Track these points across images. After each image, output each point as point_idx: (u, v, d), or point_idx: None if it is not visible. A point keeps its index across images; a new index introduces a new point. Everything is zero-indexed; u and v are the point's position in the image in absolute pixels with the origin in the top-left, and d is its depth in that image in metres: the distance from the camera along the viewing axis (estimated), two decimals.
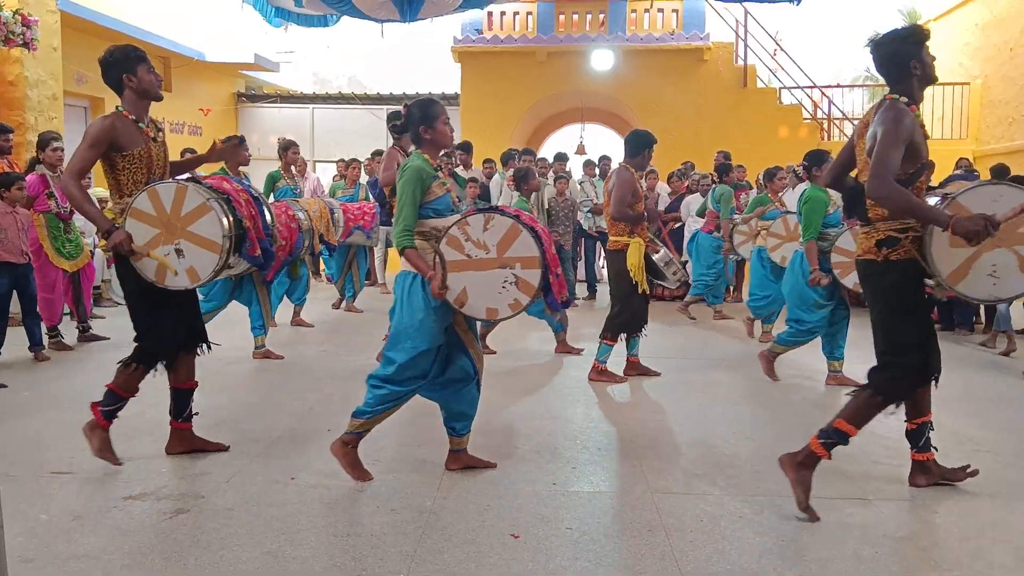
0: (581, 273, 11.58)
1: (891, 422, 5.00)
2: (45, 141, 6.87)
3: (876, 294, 3.52)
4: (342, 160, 12.70)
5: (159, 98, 3.95)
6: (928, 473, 3.77)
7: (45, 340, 6.60)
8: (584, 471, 4.01)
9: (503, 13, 14.29)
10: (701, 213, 9.43)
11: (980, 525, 3.39)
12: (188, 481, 3.73)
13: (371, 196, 9.47)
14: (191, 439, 4.14)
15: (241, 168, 7.06)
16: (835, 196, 5.91)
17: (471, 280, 3.60)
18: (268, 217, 4.22)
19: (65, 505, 3.43)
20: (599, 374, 5.95)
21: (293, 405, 5.13)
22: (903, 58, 3.43)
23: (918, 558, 3.05)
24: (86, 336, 7.16)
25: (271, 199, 7.65)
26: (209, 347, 4.22)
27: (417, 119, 3.72)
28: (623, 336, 6.02)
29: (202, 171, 5.51)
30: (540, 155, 12.61)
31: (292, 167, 8.08)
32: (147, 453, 4.07)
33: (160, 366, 3.99)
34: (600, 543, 3.14)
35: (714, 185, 9.41)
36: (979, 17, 13.69)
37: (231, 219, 3.83)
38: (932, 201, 3.54)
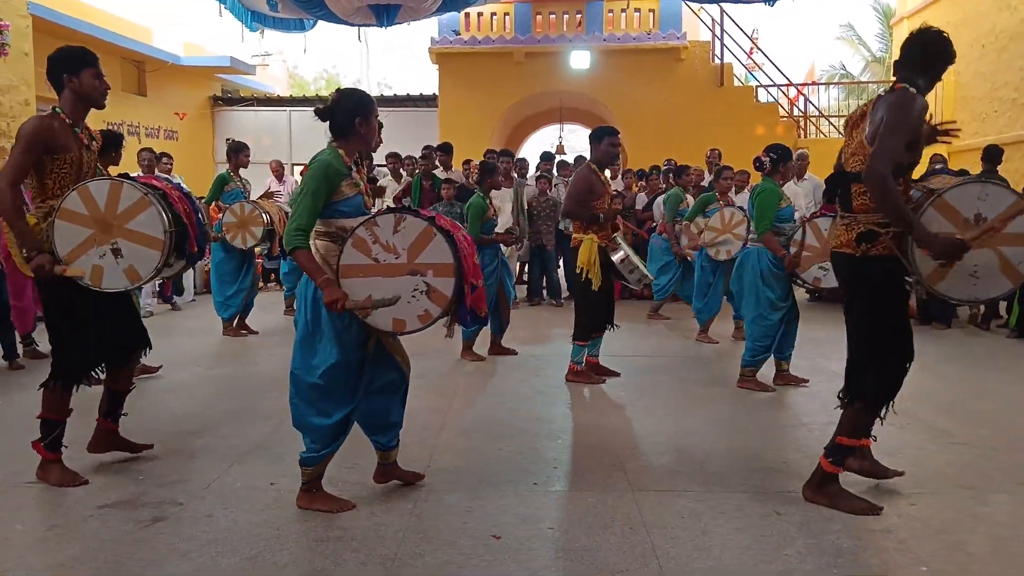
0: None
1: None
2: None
3: (854, 291, 3.45)
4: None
5: (99, 106, 3.77)
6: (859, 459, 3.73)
7: (19, 348, 6.52)
8: (565, 471, 4.01)
9: (480, 14, 14.28)
10: None
11: (957, 517, 3.43)
12: (166, 488, 3.69)
13: None
14: (115, 440, 4.04)
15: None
16: (789, 192, 5.94)
17: (377, 287, 3.23)
18: (200, 214, 4.03)
19: (40, 515, 3.39)
20: (575, 375, 5.90)
21: (270, 411, 5.09)
22: (934, 54, 3.37)
23: (896, 550, 3.07)
24: None
25: (219, 202, 7.63)
26: (150, 348, 4.10)
27: (352, 108, 3.35)
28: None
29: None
30: (519, 155, 12.62)
31: (241, 169, 7.81)
32: (123, 461, 4.02)
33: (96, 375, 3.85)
34: (581, 542, 3.14)
35: (667, 187, 9.47)
36: (951, 15, 13.85)
37: (170, 215, 3.67)
38: (916, 196, 3.45)
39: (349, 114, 3.36)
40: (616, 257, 5.68)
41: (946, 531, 3.27)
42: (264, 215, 7.61)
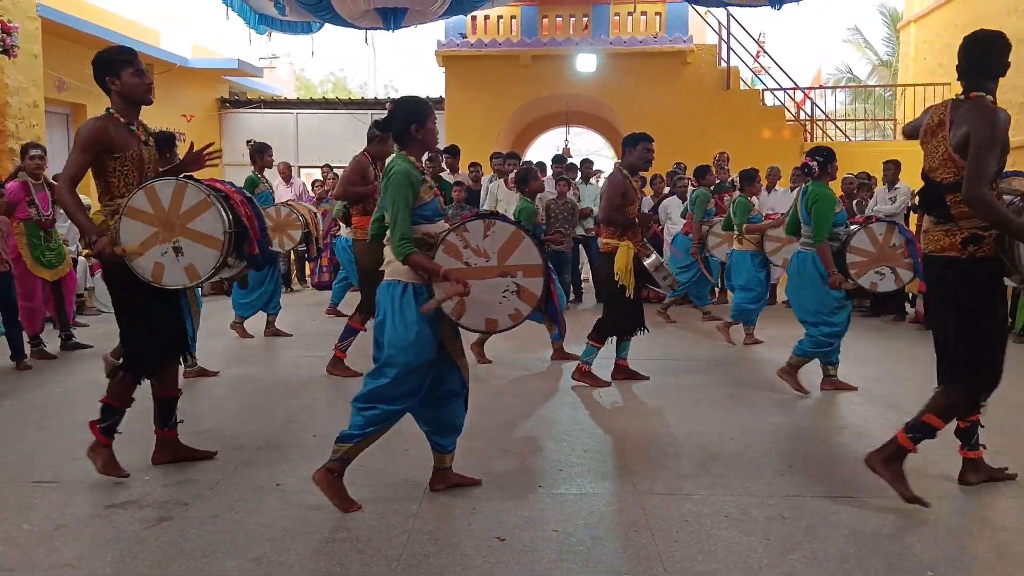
0: None
1: (878, 421, 5.04)
2: (24, 149, 6.86)
3: (955, 292, 3.53)
4: (327, 165, 12.69)
5: (145, 102, 3.85)
6: (978, 471, 3.82)
7: (27, 349, 6.55)
8: (570, 473, 4.01)
9: (487, 17, 14.30)
10: (727, 226, 9.47)
11: (963, 522, 3.42)
12: (172, 489, 3.71)
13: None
14: (177, 448, 4.10)
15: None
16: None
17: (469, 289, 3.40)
18: (262, 220, 4.12)
19: (47, 514, 3.40)
20: (582, 375, 5.89)
21: (277, 412, 5.11)
22: (995, 59, 3.54)
23: (902, 555, 3.07)
24: (69, 345, 7.11)
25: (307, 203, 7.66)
26: (191, 355, 4.18)
27: (406, 117, 3.52)
28: (613, 339, 5.98)
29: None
30: (526, 158, 12.63)
31: (265, 171, 7.79)
32: (130, 461, 4.02)
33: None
34: (586, 544, 3.14)
35: (692, 188, 9.45)
36: (958, 18, 13.81)
37: (231, 216, 3.75)
38: (1009, 200, 3.61)
39: (404, 122, 3.51)
40: (648, 262, 5.78)
41: (951, 535, 3.26)
42: (300, 217, 7.67)
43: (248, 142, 7.84)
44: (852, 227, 5.69)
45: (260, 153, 7.62)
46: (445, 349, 3.56)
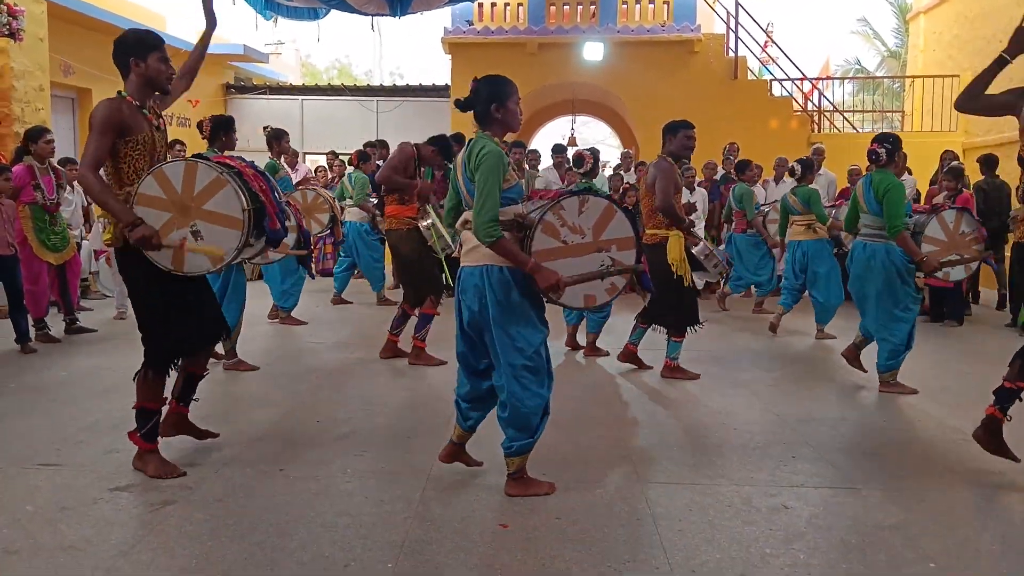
0: None
1: (882, 412, 5.04)
2: (38, 132, 6.84)
3: None
4: (332, 152, 12.66)
5: (164, 90, 3.79)
6: (992, 434, 3.74)
7: (32, 333, 6.56)
8: (573, 461, 4.01)
9: (494, 4, 14.23)
10: (728, 217, 9.47)
11: (966, 515, 3.42)
12: None
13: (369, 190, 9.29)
14: (184, 424, 4.03)
15: None
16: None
17: (568, 267, 3.40)
18: (277, 192, 3.98)
19: (51, 496, 3.40)
20: (671, 371, 5.82)
21: (282, 397, 5.12)
22: None
23: (905, 546, 3.06)
24: (73, 329, 7.12)
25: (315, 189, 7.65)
26: (228, 335, 4.07)
27: (487, 96, 3.44)
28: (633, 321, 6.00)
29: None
30: (531, 147, 12.59)
31: (282, 157, 7.81)
32: (132, 446, 4.03)
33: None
34: (589, 533, 3.14)
35: (733, 184, 9.47)
36: (967, 10, 13.72)
37: (247, 194, 3.60)
38: None
39: (487, 102, 3.44)
40: (697, 249, 5.73)
41: (955, 528, 3.25)
42: (327, 201, 7.68)
43: (265, 128, 7.80)
44: (919, 216, 5.49)
45: (278, 139, 7.54)
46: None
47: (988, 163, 9.20)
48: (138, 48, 3.66)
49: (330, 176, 11.77)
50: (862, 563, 2.92)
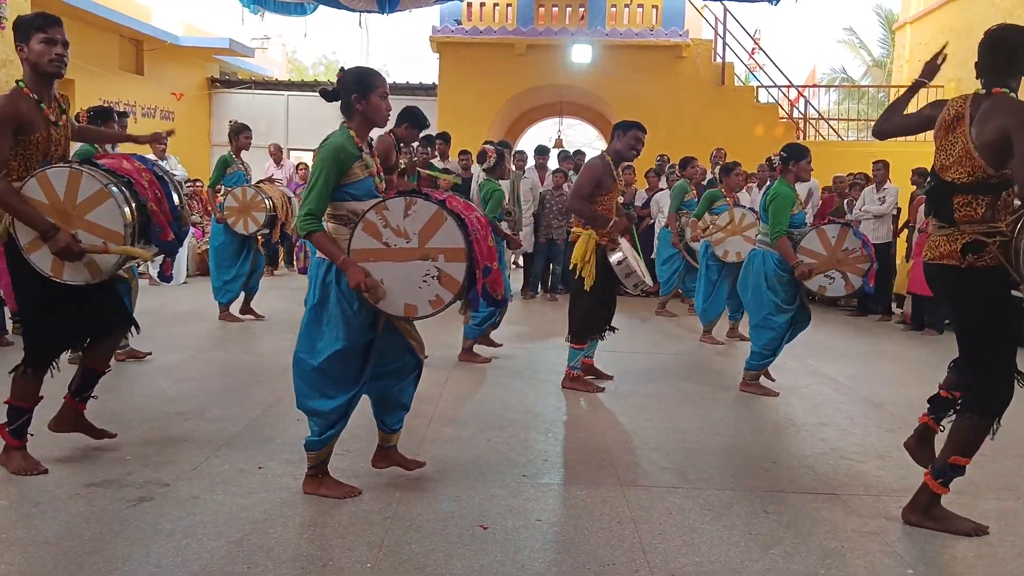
0: None
1: (862, 420, 5.07)
2: None
3: (959, 304, 3.33)
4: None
5: (52, 75, 3.42)
6: (924, 442, 3.69)
7: (9, 325, 6.47)
8: (555, 464, 4.00)
9: (483, 4, 14.23)
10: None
11: None
12: (152, 469, 3.67)
13: None
14: (80, 421, 3.87)
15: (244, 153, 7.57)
16: (801, 194, 5.88)
17: (388, 271, 3.19)
18: (176, 198, 3.76)
19: (25, 491, 3.36)
20: (572, 382, 5.53)
21: (260, 395, 5.08)
22: (1022, 57, 3.26)
23: (883, 552, 3.08)
24: None
25: (221, 184, 7.51)
26: (137, 330, 3.99)
27: (350, 86, 3.30)
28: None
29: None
30: (517, 148, 12.59)
31: (243, 152, 7.65)
32: (109, 441, 3.98)
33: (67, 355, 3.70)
34: (569, 535, 3.14)
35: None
36: (953, 22, 13.85)
37: (133, 205, 3.45)
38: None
39: (348, 93, 3.31)
40: (613, 259, 5.24)
41: (932, 535, 3.27)
42: (267, 200, 7.55)
43: (230, 122, 7.78)
44: (804, 228, 5.57)
45: (237, 134, 7.57)
46: (394, 325, 3.42)
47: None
48: (22, 32, 3.41)
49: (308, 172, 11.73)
50: (840, 569, 2.94)
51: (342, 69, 3.41)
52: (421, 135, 6.47)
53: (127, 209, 3.43)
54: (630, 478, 3.80)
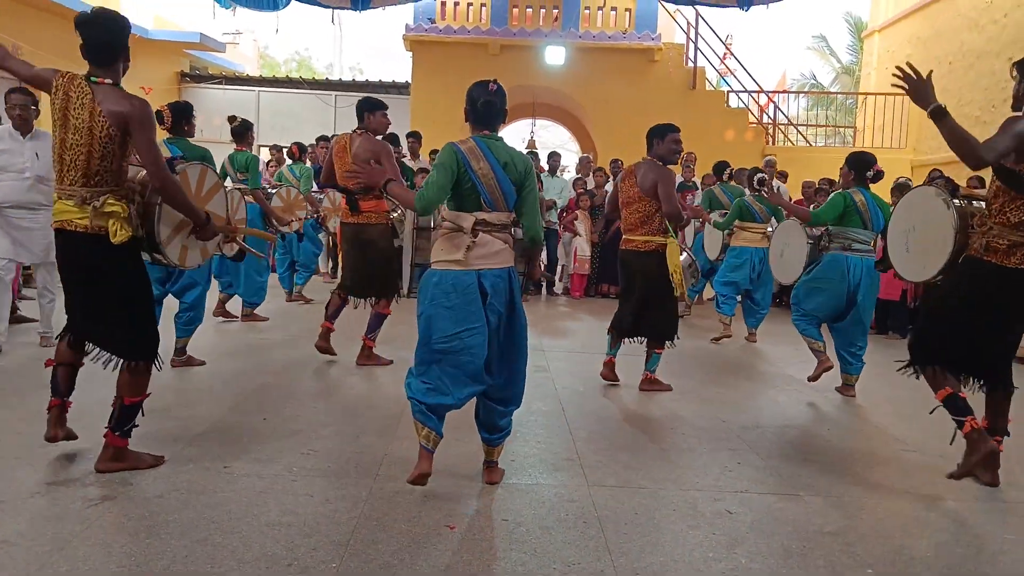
0: None
1: (827, 421, 5.14)
2: None
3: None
4: (275, 146, 12.39)
5: None
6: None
7: None
8: (522, 464, 4.02)
9: (456, 3, 14.22)
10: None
11: (904, 523, 3.50)
12: None
13: (314, 184, 9.18)
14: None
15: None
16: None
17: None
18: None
19: None
20: (650, 384, 5.66)
21: (227, 394, 5.03)
22: None
23: (844, 552, 3.13)
24: (15, 318, 6.90)
25: (266, 185, 7.51)
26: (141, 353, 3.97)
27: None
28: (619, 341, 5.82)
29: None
30: None
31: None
32: (72, 441, 3.92)
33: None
34: (535, 535, 3.15)
35: (689, 192, 9.59)
36: (920, 31, 14.09)
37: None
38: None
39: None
40: (682, 259, 5.52)
41: (892, 535, 3.33)
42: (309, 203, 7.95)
43: (230, 119, 7.63)
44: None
45: (248, 131, 7.48)
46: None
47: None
48: None
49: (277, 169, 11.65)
50: (802, 568, 2.98)
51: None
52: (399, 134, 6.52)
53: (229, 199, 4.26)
54: (597, 478, 3.82)
